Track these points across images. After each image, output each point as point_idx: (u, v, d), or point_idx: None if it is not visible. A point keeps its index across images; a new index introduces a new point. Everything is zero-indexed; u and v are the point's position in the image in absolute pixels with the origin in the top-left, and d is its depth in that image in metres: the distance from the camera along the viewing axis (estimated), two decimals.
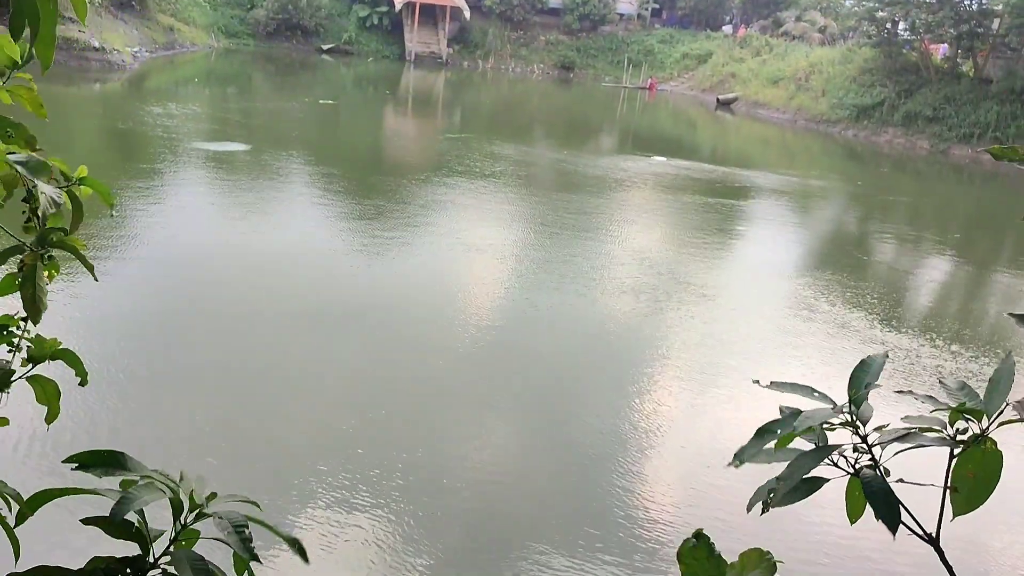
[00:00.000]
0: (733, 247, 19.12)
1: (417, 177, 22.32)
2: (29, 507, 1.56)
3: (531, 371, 10.73)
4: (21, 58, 1.82)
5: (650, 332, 12.36)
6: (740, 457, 1.78)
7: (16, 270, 1.90)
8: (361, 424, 8.74)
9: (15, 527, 1.63)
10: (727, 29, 67.04)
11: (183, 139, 23.41)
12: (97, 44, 36.62)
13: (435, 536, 6.96)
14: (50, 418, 2.03)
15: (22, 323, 2.00)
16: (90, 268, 2.03)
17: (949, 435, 1.59)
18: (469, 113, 41.34)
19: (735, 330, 12.72)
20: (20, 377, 1.96)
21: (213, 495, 1.50)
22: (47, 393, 2.02)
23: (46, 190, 1.82)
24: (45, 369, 1.98)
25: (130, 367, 9.28)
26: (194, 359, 9.90)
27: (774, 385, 1.79)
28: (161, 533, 1.49)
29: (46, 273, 1.93)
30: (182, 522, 1.47)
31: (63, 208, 1.94)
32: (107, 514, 1.40)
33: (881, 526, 1.55)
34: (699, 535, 1.37)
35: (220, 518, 1.42)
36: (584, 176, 25.50)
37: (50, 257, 1.93)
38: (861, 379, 1.75)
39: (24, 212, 1.89)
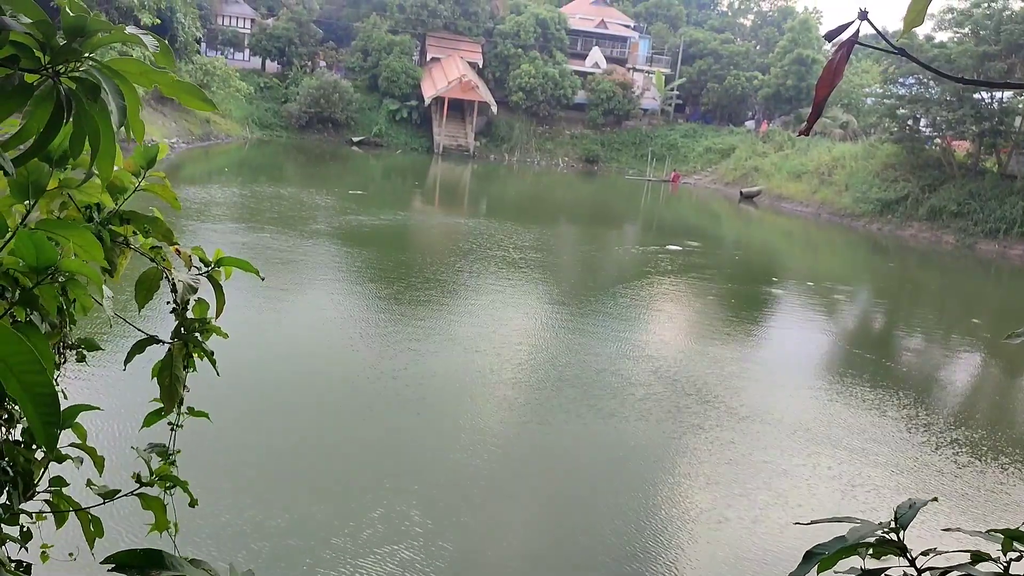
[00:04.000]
0: (752, 347, 18.74)
1: (439, 266, 22.53)
2: None
3: (544, 483, 10.55)
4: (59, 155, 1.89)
5: (665, 444, 11.89)
6: None
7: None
8: (373, 525, 8.61)
9: None
10: (750, 124, 68.22)
11: (215, 227, 23.88)
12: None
13: None
14: (159, 527, 2.11)
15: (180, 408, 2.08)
16: (213, 362, 2.08)
17: (1003, 564, 1.53)
18: (495, 204, 41.94)
19: (757, 445, 12.29)
20: (127, 495, 2.02)
21: None
22: (153, 507, 2.09)
23: (183, 278, 1.87)
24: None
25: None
26: (214, 444, 9.86)
27: (815, 523, 1.75)
28: None
29: (196, 355, 1.98)
30: None
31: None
32: None
33: None
34: None
35: None
36: (603, 266, 25.60)
37: (196, 344, 1.99)
38: (904, 506, 1.70)
39: (168, 302, 1.95)
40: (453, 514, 8.91)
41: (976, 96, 42.49)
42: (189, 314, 2.06)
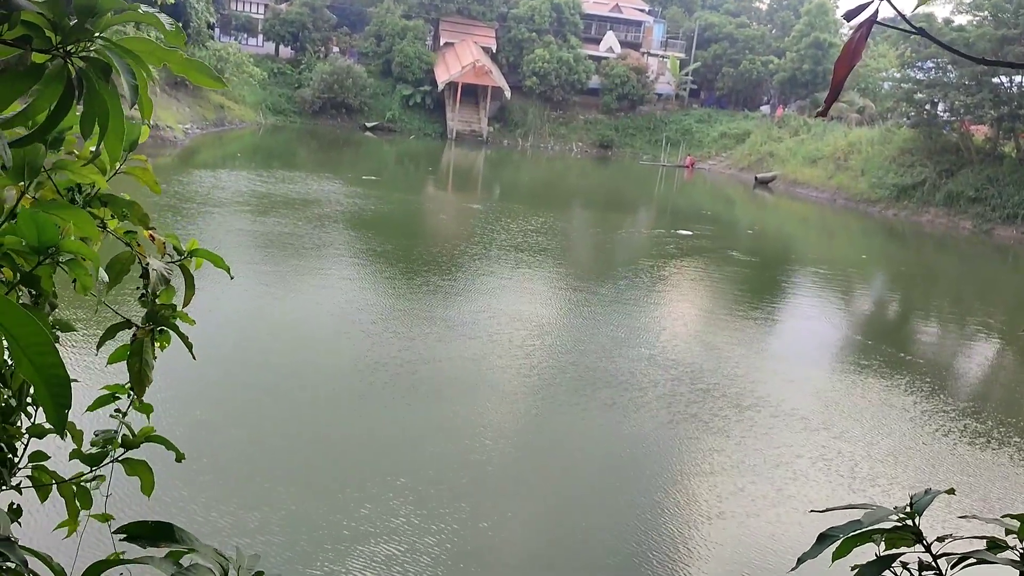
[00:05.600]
0: (757, 335, 18.43)
1: (444, 251, 22.52)
2: None
3: (541, 479, 10.54)
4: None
5: (662, 436, 11.76)
6: (803, 562, 1.72)
7: (130, 342, 1.98)
8: (372, 519, 8.63)
9: None
10: (765, 109, 67.68)
11: (221, 211, 23.94)
12: (151, 121, 37.89)
13: None
14: (146, 489, 2.12)
15: (130, 393, 2.08)
16: (189, 347, 2.09)
17: (1019, 551, 1.51)
18: (507, 189, 41.85)
19: (756, 435, 12.17)
20: (113, 460, 2.05)
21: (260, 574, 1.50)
22: (137, 469, 2.11)
23: (157, 267, 1.87)
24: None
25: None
26: (226, 432, 9.91)
27: (830, 510, 1.74)
28: None
29: (157, 344, 2.00)
30: None
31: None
32: None
33: None
34: None
35: None
36: (610, 252, 25.51)
37: (161, 331, 2.00)
38: (920, 492, 1.69)
39: (138, 287, 1.96)
40: (446, 510, 8.81)
41: (995, 80, 41.99)
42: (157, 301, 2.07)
